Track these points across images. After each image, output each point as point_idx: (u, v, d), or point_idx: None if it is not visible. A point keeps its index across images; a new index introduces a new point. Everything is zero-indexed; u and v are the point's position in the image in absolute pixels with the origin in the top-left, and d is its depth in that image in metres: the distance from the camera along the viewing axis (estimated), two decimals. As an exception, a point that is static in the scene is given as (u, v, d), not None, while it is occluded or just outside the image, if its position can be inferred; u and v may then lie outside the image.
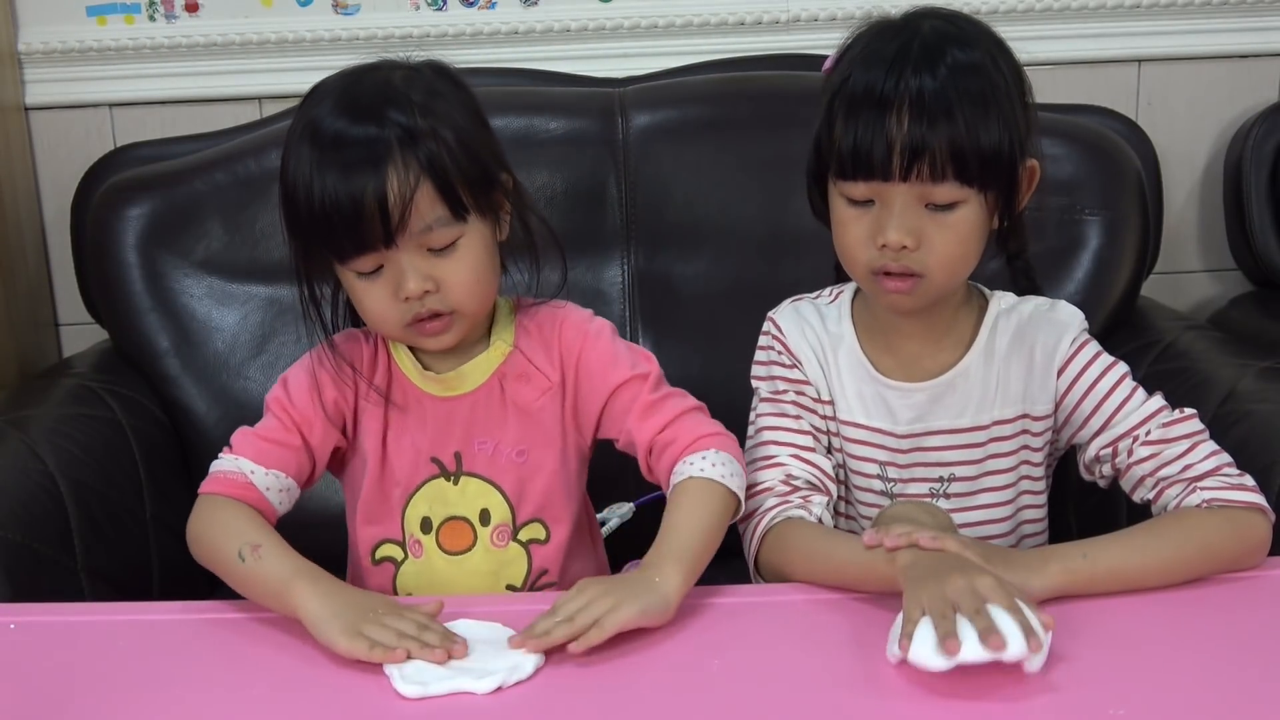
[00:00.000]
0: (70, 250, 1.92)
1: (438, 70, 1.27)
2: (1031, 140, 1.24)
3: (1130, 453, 1.25)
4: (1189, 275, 2.11)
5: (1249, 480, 1.21)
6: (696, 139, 1.81)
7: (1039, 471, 1.34)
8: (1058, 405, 1.30)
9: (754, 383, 1.36)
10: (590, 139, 1.79)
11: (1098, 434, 1.27)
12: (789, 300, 1.38)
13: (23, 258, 1.97)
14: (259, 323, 1.78)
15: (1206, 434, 1.25)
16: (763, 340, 1.37)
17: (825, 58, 1.87)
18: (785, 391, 1.33)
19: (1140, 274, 1.84)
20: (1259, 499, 1.20)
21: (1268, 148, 1.96)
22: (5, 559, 1.37)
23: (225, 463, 1.28)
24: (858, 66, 1.21)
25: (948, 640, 0.99)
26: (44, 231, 2.04)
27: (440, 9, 1.99)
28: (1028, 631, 1.00)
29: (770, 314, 1.37)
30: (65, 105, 2.01)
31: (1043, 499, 1.35)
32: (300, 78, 1.96)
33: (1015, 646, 0.99)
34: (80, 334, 2.01)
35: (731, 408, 1.38)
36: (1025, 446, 1.32)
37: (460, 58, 1.97)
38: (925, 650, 1.01)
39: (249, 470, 1.26)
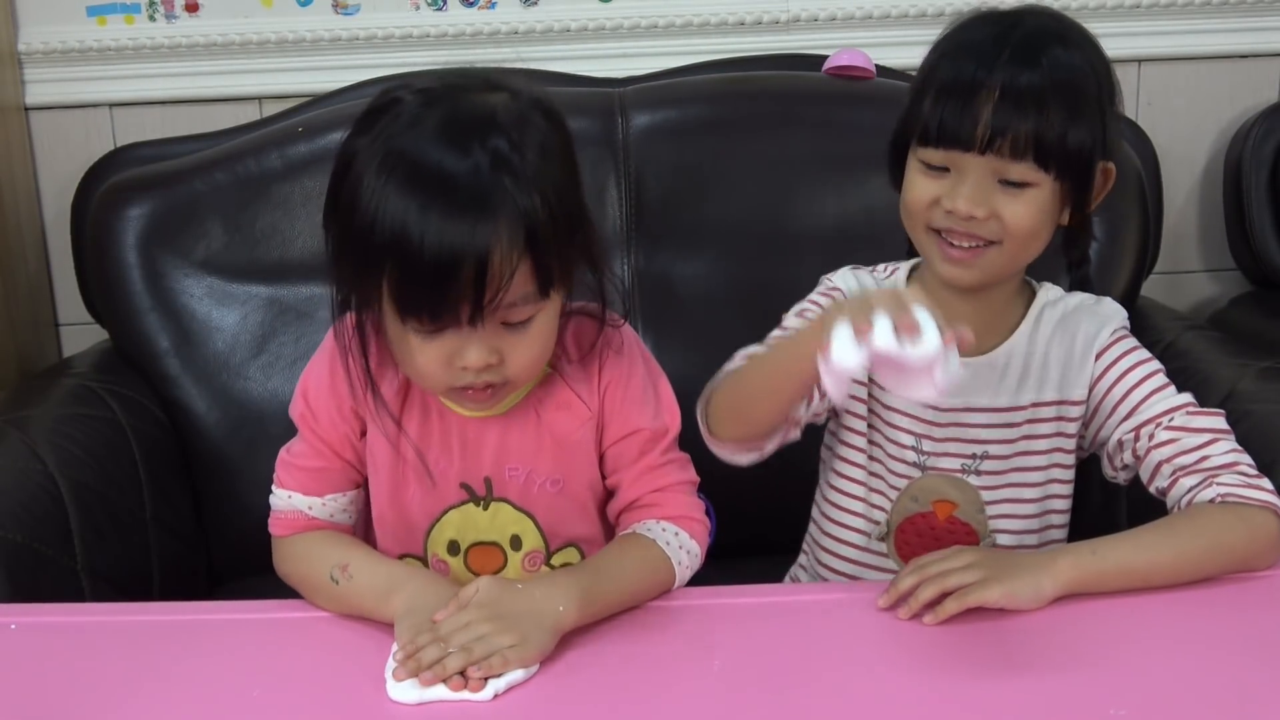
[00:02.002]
0: (70, 250, 1.92)
1: (535, 103, 1.14)
2: (1113, 143, 1.26)
3: (1152, 437, 1.26)
4: (1189, 275, 2.11)
5: (1266, 482, 1.21)
6: (696, 139, 1.81)
7: (1069, 459, 1.35)
8: (1091, 390, 1.31)
9: (783, 317, 1.35)
10: (590, 139, 1.79)
11: (1124, 420, 1.29)
12: (847, 267, 1.39)
13: (23, 258, 1.97)
14: (259, 323, 1.78)
15: (1231, 434, 1.25)
16: (813, 295, 1.37)
17: (825, 58, 1.89)
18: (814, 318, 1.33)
19: (1140, 274, 1.84)
20: (1275, 500, 1.20)
21: (1268, 148, 1.96)
22: (5, 559, 1.37)
23: (280, 500, 1.26)
24: (956, 48, 1.24)
25: (859, 326, 0.99)
26: (44, 231, 2.04)
27: (440, 9, 1.99)
28: (944, 325, 1.00)
29: (827, 275, 1.39)
30: (65, 105, 2.01)
31: (1069, 496, 1.36)
32: (300, 78, 1.99)
33: (930, 336, 0.98)
34: (80, 334, 2.01)
35: (731, 408, 1.38)
36: (1060, 434, 1.33)
37: (460, 58, 1.98)
38: (843, 346, 1.00)
39: (305, 507, 1.25)
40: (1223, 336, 1.75)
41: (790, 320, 1.35)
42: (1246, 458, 1.24)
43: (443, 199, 1.06)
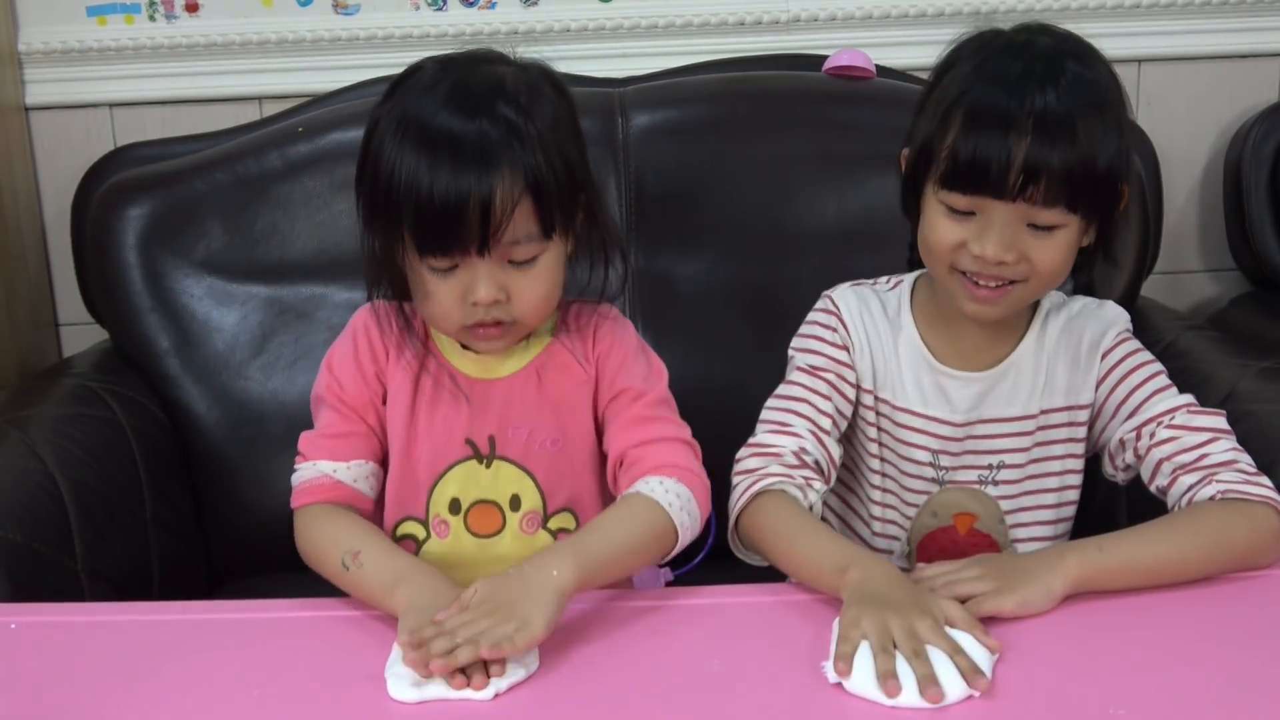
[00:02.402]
0: (70, 250, 1.92)
1: (546, 75, 1.27)
2: (1130, 161, 1.25)
3: (1153, 435, 1.26)
4: (1189, 275, 2.11)
5: (1265, 479, 1.21)
6: (696, 139, 1.81)
7: (1080, 463, 1.35)
8: (1095, 391, 1.32)
9: (791, 352, 1.36)
10: (590, 139, 1.75)
11: (1126, 420, 1.29)
12: (848, 284, 1.39)
13: (23, 258, 1.97)
14: (259, 323, 1.78)
15: (1231, 434, 1.26)
16: (815, 316, 1.37)
17: (825, 58, 1.89)
18: (825, 370, 1.33)
19: (1140, 274, 1.84)
20: (1275, 495, 1.20)
21: (1268, 148, 1.96)
22: (5, 559, 1.37)
23: (305, 471, 1.29)
24: (980, 80, 1.21)
25: (888, 680, 1.01)
26: (44, 231, 2.04)
27: (440, 9, 1.99)
28: (968, 672, 1.02)
29: (828, 293, 1.38)
30: (65, 105, 2.01)
31: (1078, 501, 1.37)
32: (300, 78, 1.99)
33: (953, 694, 1.01)
34: (80, 334, 2.01)
35: (731, 407, 1.38)
36: (1071, 439, 1.34)
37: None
38: (865, 682, 1.02)
39: (330, 470, 1.28)
40: (1223, 336, 1.75)
41: (796, 368, 1.34)
42: (1246, 456, 1.24)
43: (451, 152, 1.18)
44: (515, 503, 1.32)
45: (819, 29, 1.99)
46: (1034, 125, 1.16)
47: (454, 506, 1.31)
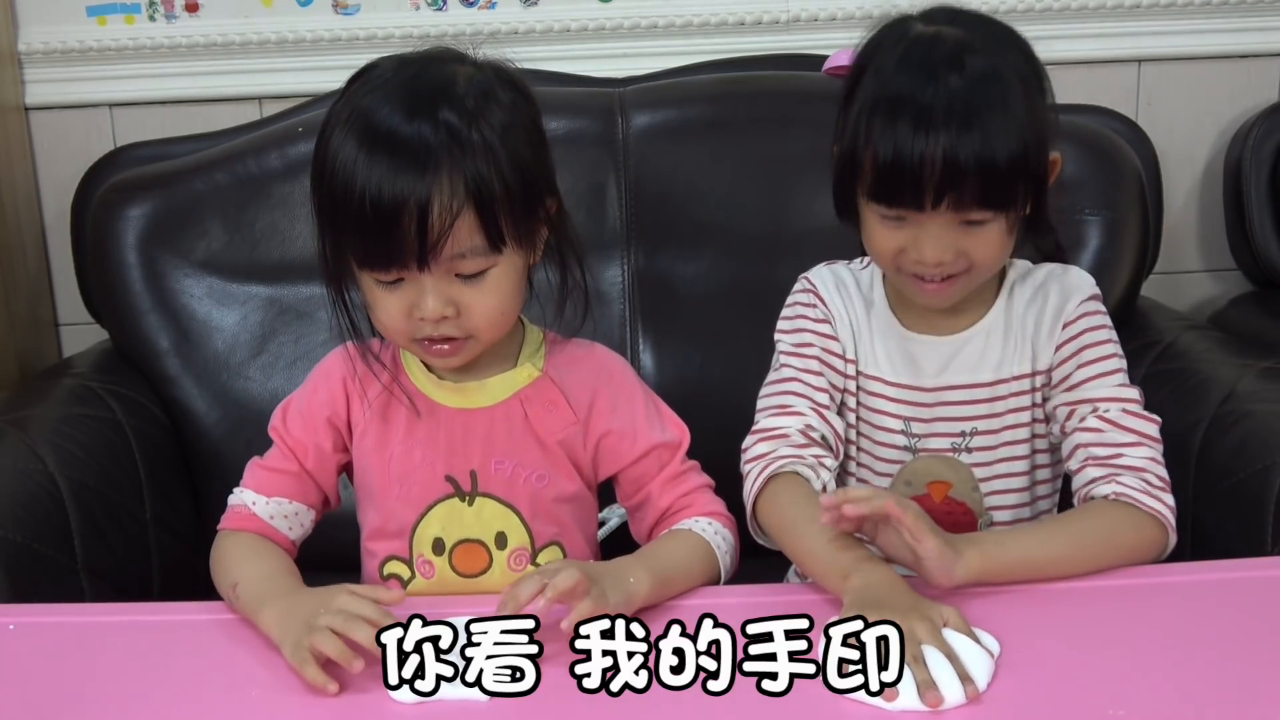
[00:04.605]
0: (70, 250, 1.92)
1: (501, 77, 1.21)
2: (1052, 134, 1.25)
3: (1083, 419, 1.27)
4: (1189, 275, 2.11)
5: (1168, 497, 1.22)
6: (696, 139, 1.81)
7: (1045, 429, 1.35)
8: (1053, 356, 1.32)
9: (778, 336, 1.38)
10: (590, 139, 1.79)
11: (1066, 391, 1.30)
12: (823, 264, 1.41)
13: (23, 258, 1.97)
14: (259, 323, 1.78)
15: (1158, 443, 1.26)
16: (794, 297, 1.39)
17: (825, 58, 1.87)
18: (812, 345, 1.35)
19: (1140, 274, 1.84)
20: (1166, 514, 1.21)
21: (1268, 148, 1.96)
22: (5, 559, 1.37)
23: (233, 496, 1.30)
24: (884, 83, 1.22)
25: (887, 689, 1.02)
26: (44, 231, 2.04)
27: (440, 9, 1.99)
28: (961, 678, 1.03)
29: (804, 274, 1.40)
30: (65, 105, 2.01)
31: (1049, 466, 1.37)
32: (300, 78, 1.99)
33: (952, 699, 1.02)
34: (80, 334, 2.02)
35: (732, 407, 1.38)
36: (1035, 405, 1.34)
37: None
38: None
39: (250, 502, 1.28)
40: (1223, 336, 1.75)
41: (783, 351, 1.35)
42: (1161, 470, 1.24)
43: (388, 154, 1.13)
44: (501, 540, 1.28)
45: (819, 29, 1.99)
46: (944, 150, 1.17)
47: (437, 547, 1.28)
